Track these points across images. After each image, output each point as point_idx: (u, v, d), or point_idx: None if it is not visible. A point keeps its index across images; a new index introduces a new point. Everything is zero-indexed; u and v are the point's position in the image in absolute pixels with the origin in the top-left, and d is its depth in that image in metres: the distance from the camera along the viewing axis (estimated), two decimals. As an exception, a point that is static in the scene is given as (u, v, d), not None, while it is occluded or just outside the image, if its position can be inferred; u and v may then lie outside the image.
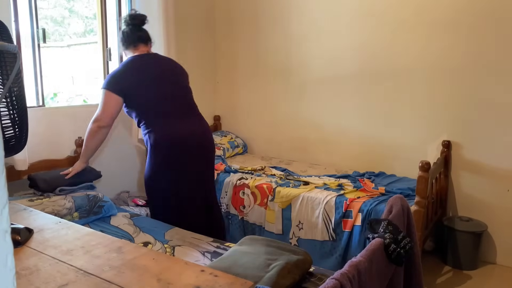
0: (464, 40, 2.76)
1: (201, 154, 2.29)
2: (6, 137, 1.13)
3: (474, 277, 2.63)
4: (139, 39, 2.27)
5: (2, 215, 0.43)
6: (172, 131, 2.18)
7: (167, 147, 2.17)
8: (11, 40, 1.15)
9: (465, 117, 2.82)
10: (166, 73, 2.28)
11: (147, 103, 2.20)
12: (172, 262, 1.04)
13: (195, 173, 2.27)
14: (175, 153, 2.19)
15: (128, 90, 2.16)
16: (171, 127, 2.18)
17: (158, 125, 2.18)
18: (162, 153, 2.18)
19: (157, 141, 2.17)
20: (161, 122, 2.19)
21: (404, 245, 1.35)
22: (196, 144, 2.25)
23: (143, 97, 2.18)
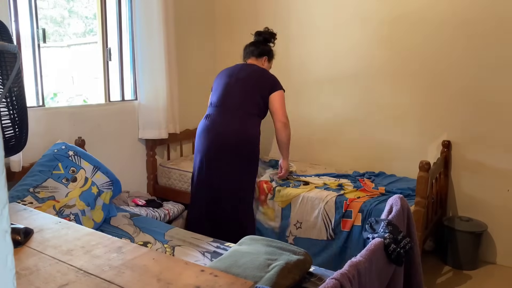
0: (464, 40, 2.76)
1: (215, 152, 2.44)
2: (6, 137, 1.13)
3: (474, 277, 2.63)
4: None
5: (2, 215, 0.43)
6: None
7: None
8: (11, 40, 1.15)
9: (465, 117, 2.82)
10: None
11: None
12: (172, 262, 1.05)
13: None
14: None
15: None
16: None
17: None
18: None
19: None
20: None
21: (404, 245, 1.35)
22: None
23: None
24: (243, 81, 2.48)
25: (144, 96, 3.05)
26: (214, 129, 2.42)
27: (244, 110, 2.44)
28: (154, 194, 3.21)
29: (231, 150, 2.39)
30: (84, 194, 2.22)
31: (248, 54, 2.68)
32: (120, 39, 2.97)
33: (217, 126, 2.42)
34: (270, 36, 2.70)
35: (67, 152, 2.30)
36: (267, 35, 2.69)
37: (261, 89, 2.48)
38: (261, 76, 2.52)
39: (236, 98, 2.46)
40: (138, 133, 3.11)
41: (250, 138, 2.43)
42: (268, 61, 2.69)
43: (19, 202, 1.96)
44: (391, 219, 1.42)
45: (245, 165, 2.44)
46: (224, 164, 2.41)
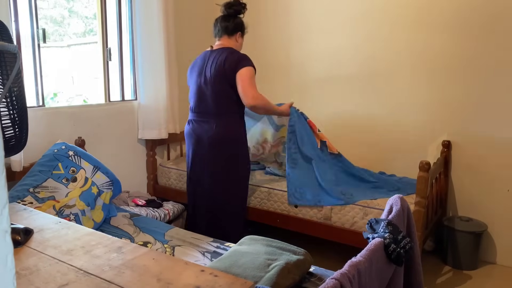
0: (464, 40, 2.76)
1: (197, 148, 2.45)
2: (6, 137, 1.13)
3: (474, 277, 2.63)
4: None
5: (2, 215, 0.43)
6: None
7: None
8: (11, 40, 1.15)
9: (465, 117, 2.82)
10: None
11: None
12: (172, 262, 1.05)
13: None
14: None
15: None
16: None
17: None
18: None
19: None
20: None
21: (404, 245, 1.35)
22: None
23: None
24: (213, 81, 2.33)
25: (144, 96, 3.05)
26: (195, 135, 2.44)
27: (220, 112, 2.36)
28: (154, 194, 3.21)
29: (210, 151, 2.40)
30: (84, 194, 2.22)
31: (220, 32, 2.44)
32: (120, 39, 2.97)
33: (197, 132, 2.43)
34: (241, 7, 2.45)
35: (67, 152, 2.30)
36: (238, 7, 2.44)
37: (230, 79, 2.31)
38: (227, 62, 2.30)
39: (209, 102, 2.36)
40: (138, 133, 3.11)
41: (228, 138, 2.38)
42: (241, 36, 2.49)
43: (19, 202, 1.96)
44: (391, 219, 1.42)
45: (229, 165, 2.41)
46: (208, 165, 2.43)
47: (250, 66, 2.31)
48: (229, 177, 2.43)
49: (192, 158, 2.49)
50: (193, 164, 2.49)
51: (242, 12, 2.47)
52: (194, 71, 2.46)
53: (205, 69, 2.38)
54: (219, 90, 2.33)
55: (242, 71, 2.28)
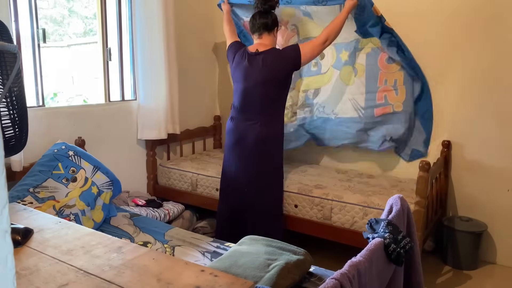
0: (464, 40, 2.76)
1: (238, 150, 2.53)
2: (6, 137, 1.13)
3: (474, 277, 2.63)
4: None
5: (2, 215, 0.43)
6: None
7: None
8: (11, 40, 1.15)
9: (465, 117, 2.82)
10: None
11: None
12: (172, 262, 1.05)
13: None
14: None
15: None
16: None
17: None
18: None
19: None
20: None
21: (404, 245, 1.35)
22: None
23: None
24: (263, 84, 2.43)
25: (144, 96, 3.05)
26: (238, 132, 2.52)
27: (264, 113, 2.47)
28: (154, 194, 3.21)
29: (253, 148, 2.48)
30: (84, 194, 2.22)
31: (261, 28, 2.48)
32: (120, 39, 2.97)
33: (240, 129, 2.51)
34: (275, 2, 2.50)
35: (67, 152, 2.31)
36: (272, 2, 2.49)
37: (282, 79, 2.44)
38: (279, 65, 2.42)
39: (257, 103, 2.46)
40: (137, 133, 3.11)
41: (271, 138, 2.49)
42: (277, 31, 2.58)
43: (19, 202, 1.96)
44: (391, 219, 1.42)
45: (269, 162, 2.52)
46: (249, 161, 2.50)
47: (296, 44, 2.48)
48: (270, 177, 2.53)
49: (232, 156, 2.54)
50: (233, 162, 2.54)
51: (276, 7, 2.53)
52: (238, 71, 2.51)
53: (253, 72, 2.45)
54: (268, 93, 2.44)
55: (300, 48, 2.42)
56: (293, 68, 2.46)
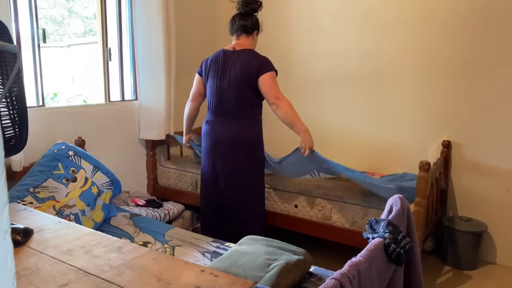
0: (465, 40, 2.76)
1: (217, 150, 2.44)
2: (6, 137, 1.13)
3: (474, 277, 2.63)
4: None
5: (2, 215, 0.43)
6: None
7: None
8: (11, 40, 1.15)
9: (465, 117, 2.82)
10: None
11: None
12: (172, 262, 1.05)
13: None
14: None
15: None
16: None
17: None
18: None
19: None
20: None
21: (404, 245, 1.35)
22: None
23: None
24: (236, 84, 2.34)
25: (144, 96, 3.05)
26: (214, 135, 2.43)
27: (240, 114, 2.39)
28: (154, 194, 3.21)
29: (230, 151, 2.40)
30: (84, 194, 2.22)
31: (239, 30, 2.43)
32: (120, 39, 2.97)
33: (216, 132, 2.42)
34: (257, 5, 2.44)
35: (67, 152, 2.30)
36: (254, 5, 2.43)
37: (251, 81, 2.34)
38: (250, 67, 2.33)
39: (231, 104, 2.37)
40: (138, 133, 3.11)
41: (248, 140, 2.41)
42: (257, 34, 2.50)
43: (19, 202, 1.96)
44: (391, 219, 1.42)
45: (247, 164, 2.42)
46: (226, 164, 2.42)
47: (272, 71, 2.36)
48: (247, 178, 2.43)
49: (209, 160, 2.46)
50: (210, 165, 2.46)
51: (258, 10, 2.47)
52: (215, 71, 2.43)
53: (227, 71, 2.38)
54: (241, 93, 2.35)
55: (266, 76, 2.32)
56: (254, 80, 2.33)
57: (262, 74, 2.32)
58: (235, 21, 2.45)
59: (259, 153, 2.47)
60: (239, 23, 2.43)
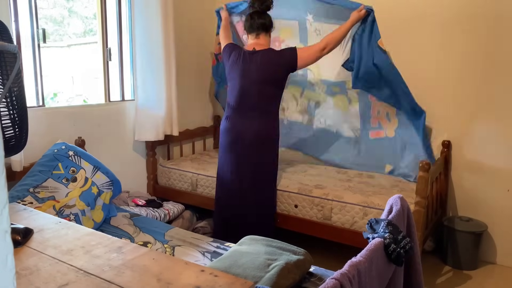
0: (465, 40, 2.76)
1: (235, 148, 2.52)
2: (6, 137, 1.13)
3: (474, 277, 2.63)
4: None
5: (2, 215, 0.43)
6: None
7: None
8: (11, 40, 1.15)
9: (465, 117, 2.82)
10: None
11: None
12: (172, 262, 1.05)
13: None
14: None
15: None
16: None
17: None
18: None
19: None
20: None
21: (404, 245, 1.35)
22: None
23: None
24: (260, 83, 2.44)
25: (144, 96, 3.05)
26: (235, 130, 2.50)
27: (261, 110, 2.47)
28: (154, 194, 3.21)
29: (251, 147, 2.48)
30: (84, 194, 2.22)
31: (259, 28, 2.49)
32: (120, 39, 2.97)
33: (237, 128, 2.49)
34: (270, 3, 2.51)
35: (67, 152, 2.31)
36: (269, 3, 2.50)
37: (278, 79, 2.45)
38: (276, 65, 2.43)
39: (253, 102, 2.46)
40: (135, 134, 3.10)
41: (268, 136, 2.50)
42: (271, 31, 2.59)
43: (19, 202, 1.96)
44: (391, 219, 1.42)
45: (265, 160, 2.52)
46: (246, 160, 2.50)
47: (294, 48, 2.46)
48: (268, 178, 2.54)
49: (228, 156, 2.53)
50: (229, 162, 2.53)
51: (271, 7, 2.54)
52: (235, 70, 2.51)
53: (250, 70, 2.45)
54: (265, 91, 2.44)
55: (299, 52, 2.42)
56: (288, 69, 2.47)
57: (296, 56, 2.41)
58: (254, 20, 2.49)
59: (278, 150, 2.57)
60: (258, 21, 2.48)
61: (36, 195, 2.07)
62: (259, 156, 2.49)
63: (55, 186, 2.15)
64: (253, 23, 2.49)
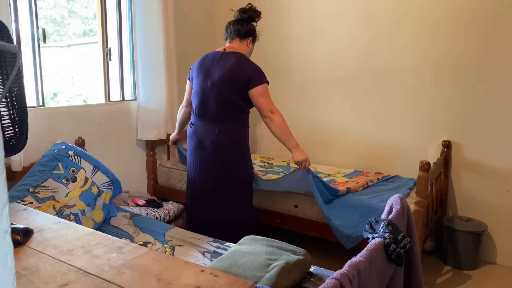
0: (465, 40, 2.76)
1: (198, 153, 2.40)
2: (6, 137, 1.13)
3: (474, 277, 2.63)
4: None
5: (2, 215, 0.43)
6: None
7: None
8: (11, 40, 1.15)
9: (465, 117, 2.82)
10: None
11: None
12: (172, 262, 1.05)
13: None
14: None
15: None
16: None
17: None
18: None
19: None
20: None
21: (404, 245, 1.35)
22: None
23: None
24: (219, 85, 2.27)
25: (144, 96, 3.05)
26: (197, 138, 2.38)
27: (222, 118, 2.30)
28: (154, 194, 3.21)
29: (210, 155, 2.34)
30: (84, 194, 2.22)
31: (232, 34, 2.39)
32: (120, 39, 2.97)
33: (198, 135, 2.37)
34: (255, 14, 2.42)
35: (67, 152, 2.30)
36: (252, 13, 2.41)
37: (239, 88, 2.26)
38: (238, 72, 2.26)
39: (213, 107, 2.29)
40: (137, 133, 3.11)
41: (229, 144, 2.32)
42: (252, 42, 2.46)
43: (19, 202, 1.96)
44: (391, 219, 1.42)
45: (230, 171, 2.35)
46: (207, 166, 2.37)
47: (265, 83, 2.29)
48: (230, 183, 2.36)
49: (192, 161, 2.43)
50: (193, 167, 2.43)
51: (255, 20, 2.44)
52: (201, 71, 2.37)
53: (213, 72, 2.31)
54: (224, 95, 2.27)
55: (259, 89, 2.26)
56: (243, 88, 2.26)
57: (254, 87, 2.25)
58: (230, 25, 2.43)
59: (243, 159, 2.38)
60: (233, 27, 2.40)
61: (36, 195, 2.07)
62: (220, 165, 2.33)
63: (55, 186, 2.15)
64: (228, 29, 2.42)
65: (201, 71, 2.37)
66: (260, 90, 2.26)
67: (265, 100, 2.27)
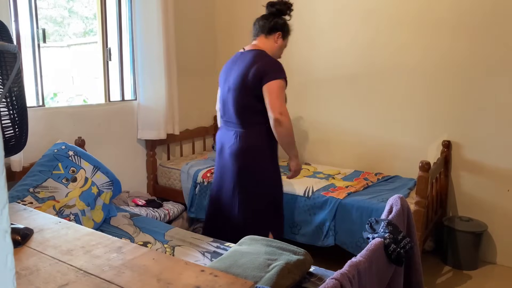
0: (465, 40, 2.76)
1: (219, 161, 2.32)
2: (6, 137, 1.13)
3: (474, 277, 2.63)
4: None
5: (2, 215, 0.43)
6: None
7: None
8: (11, 40, 1.15)
9: (465, 117, 2.82)
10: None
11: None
12: (172, 262, 1.04)
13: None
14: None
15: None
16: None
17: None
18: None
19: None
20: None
21: (404, 245, 1.35)
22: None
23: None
24: (234, 89, 2.13)
25: (144, 96, 3.05)
26: (220, 143, 2.31)
27: (242, 122, 2.16)
28: (154, 194, 3.21)
29: (232, 165, 2.21)
30: (84, 194, 2.22)
31: (257, 30, 2.21)
32: (120, 39, 2.97)
33: (221, 140, 2.29)
34: (285, 7, 2.20)
35: (67, 152, 2.30)
36: (281, 6, 2.19)
37: (254, 89, 2.07)
38: (252, 70, 2.06)
39: (232, 111, 2.17)
40: (137, 133, 3.11)
41: (250, 152, 2.17)
42: (282, 37, 2.22)
43: (19, 202, 1.96)
44: (391, 219, 1.42)
45: (248, 179, 2.21)
46: (229, 176, 2.26)
47: (280, 79, 2.05)
48: (248, 192, 2.21)
49: (216, 166, 2.37)
50: (215, 173, 2.36)
51: (286, 13, 2.23)
52: (222, 76, 2.27)
53: (230, 75, 2.18)
54: (240, 99, 2.12)
55: (272, 84, 2.03)
56: (257, 86, 2.07)
57: (267, 82, 2.03)
58: (257, 21, 2.24)
59: (265, 168, 2.21)
60: (258, 23, 2.22)
61: (36, 195, 2.07)
62: (239, 169, 2.18)
63: (55, 186, 2.15)
64: (254, 26, 2.25)
65: (223, 76, 2.27)
66: (273, 86, 2.03)
67: (277, 99, 2.04)
